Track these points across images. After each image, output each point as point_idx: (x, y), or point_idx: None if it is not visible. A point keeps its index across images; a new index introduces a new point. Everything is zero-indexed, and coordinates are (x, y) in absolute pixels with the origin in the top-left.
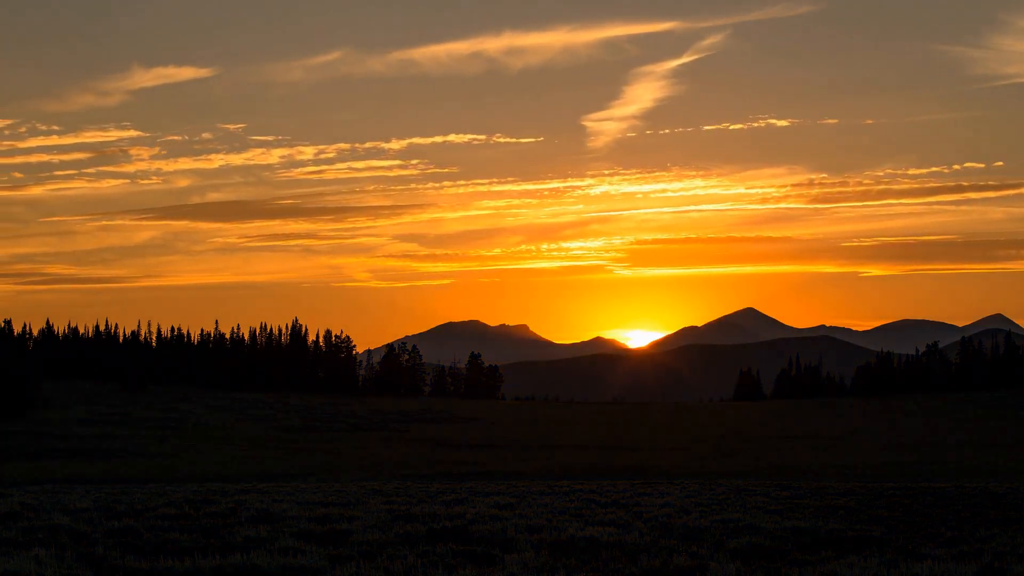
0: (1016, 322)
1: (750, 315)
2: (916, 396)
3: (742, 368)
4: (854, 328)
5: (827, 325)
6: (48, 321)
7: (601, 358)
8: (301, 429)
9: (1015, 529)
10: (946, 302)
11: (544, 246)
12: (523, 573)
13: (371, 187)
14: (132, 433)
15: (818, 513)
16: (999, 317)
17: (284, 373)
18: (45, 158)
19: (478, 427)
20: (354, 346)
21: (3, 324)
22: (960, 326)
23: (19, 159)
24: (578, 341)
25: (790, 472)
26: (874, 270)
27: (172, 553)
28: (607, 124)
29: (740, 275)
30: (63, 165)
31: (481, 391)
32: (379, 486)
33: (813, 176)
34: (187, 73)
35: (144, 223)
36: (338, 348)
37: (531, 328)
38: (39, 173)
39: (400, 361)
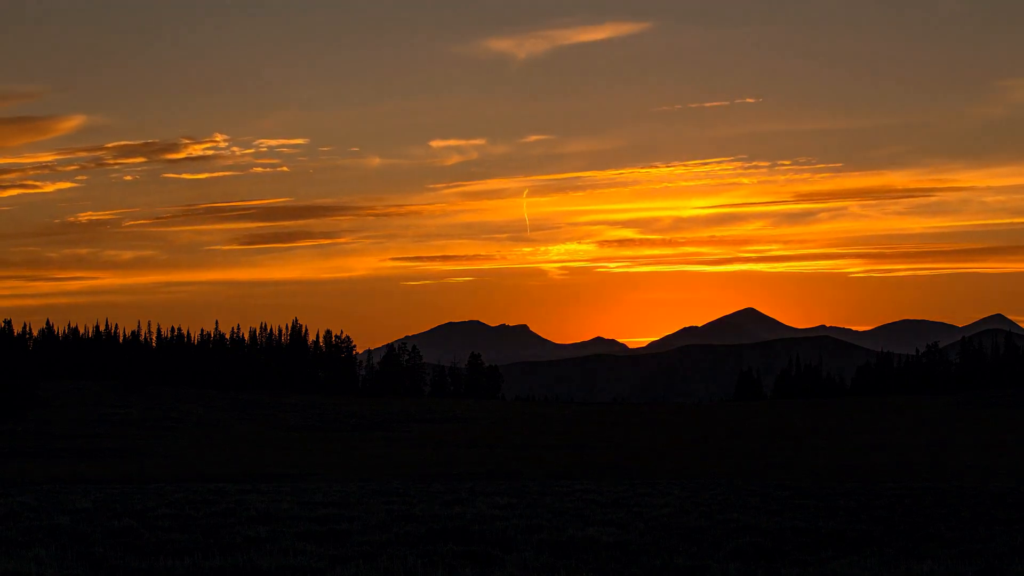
0: (1016, 322)
1: (750, 315)
2: (916, 396)
3: (742, 368)
4: (854, 328)
5: (827, 325)
6: (48, 321)
7: (601, 358)
8: (301, 429)
9: (1016, 530)
10: (946, 302)
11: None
12: (523, 573)
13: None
14: (132, 433)
15: (818, 513)
16: (999, 317)
17: (284, 373)
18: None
19: (478, 427)
20: (354, 346)
21: (3, 324)
22: (960, 326)
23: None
24: (578, 341)
25: (790, 472)
26: (874, 270)
27: (172, 553)
28: None
29: (740, 275)
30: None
31: (481, 391)
32: (379, 486)
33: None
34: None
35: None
36: (338, 348)
37: (531, 328)
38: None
39: (400, 361)
